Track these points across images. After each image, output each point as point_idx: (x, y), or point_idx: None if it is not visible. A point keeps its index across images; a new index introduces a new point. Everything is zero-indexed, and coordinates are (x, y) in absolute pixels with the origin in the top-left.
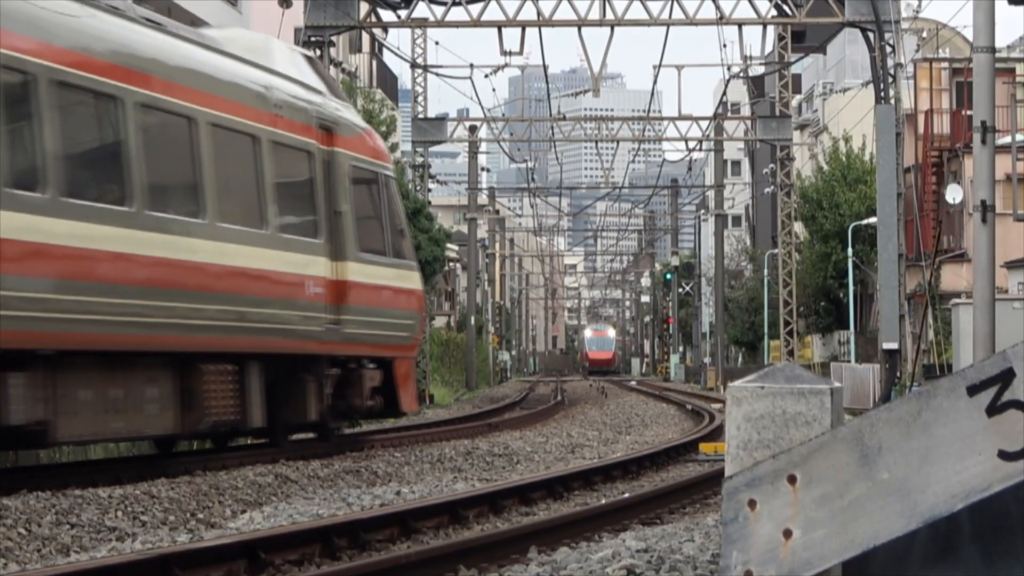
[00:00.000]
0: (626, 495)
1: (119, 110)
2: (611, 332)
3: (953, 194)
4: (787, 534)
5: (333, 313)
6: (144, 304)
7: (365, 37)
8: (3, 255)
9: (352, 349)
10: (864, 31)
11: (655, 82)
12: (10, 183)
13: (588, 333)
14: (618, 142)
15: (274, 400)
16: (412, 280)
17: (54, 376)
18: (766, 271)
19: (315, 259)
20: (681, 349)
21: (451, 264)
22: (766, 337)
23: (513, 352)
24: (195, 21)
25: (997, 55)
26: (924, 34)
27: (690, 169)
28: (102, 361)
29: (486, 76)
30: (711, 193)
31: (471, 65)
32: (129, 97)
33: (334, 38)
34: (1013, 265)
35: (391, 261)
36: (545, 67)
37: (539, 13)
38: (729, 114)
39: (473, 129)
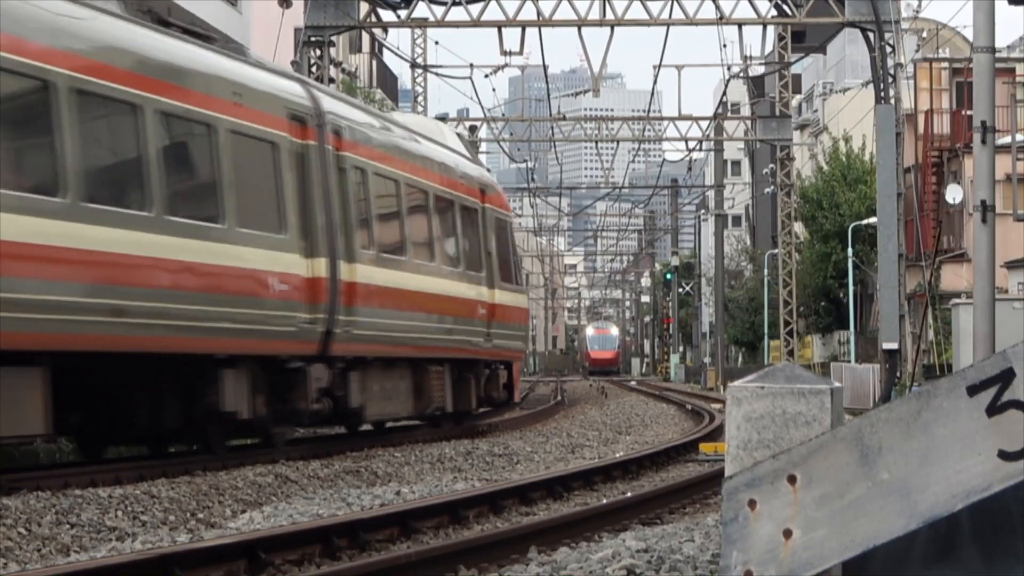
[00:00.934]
0: (627, 495)
1: (397, 187)
2: (614, 330)
3: (953, 194)
4: (787, 534)
5: (488, 328)
6: (408, 323)
7: (365, 37)
8: (357, 294)
9: (495, 355)
10: (864, 31)
11: (655, 82)
12: (365, 244)
13: (590, 331)
14: (618, 142)
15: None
16: (524, 301)
17: (364, 375)
18: (766, 271)
19: (481, 288)
20: (681, 349)
21: None
22: (766, 337)
23: None
24: (195, 21)
25: (997, 55)
26: (924, 34)
27: (690, 169)
28: (381, 364)
29: (486, 76)
30: (711, 193)
31: (471, 65)
32: (402, 179)
33: (334, 38)
34: (1013, 265)
35: (514, 287)
36: (545, 67)
37: (539, 13)
38: (729, 114)
39: (473, 129)
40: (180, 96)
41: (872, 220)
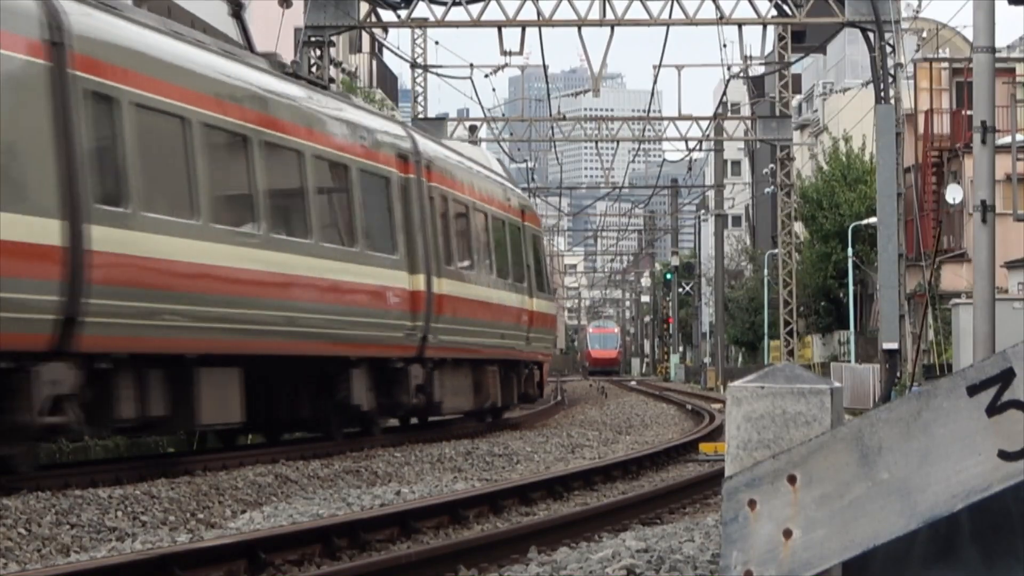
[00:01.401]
0: (627, 495)
1: (467, 210)
2: (616, 329)
3: (953, 194)
4: (787, 534)
5: (528, 332)
6: (475, 329)
7: (365, 37)
8: (443, 304)
9: (532, 356)
10: (864, 31)
11: (655, 82)
12: (447, 261)
13: (590, 330)
14: (618, 142)
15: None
16: (554, 308)
17: (442, 373)
18: (766, 271)
19: (524, 298)
20: (681, 349)
21: None
22: (766, 337)
23: None
24: (195, 22)
25: (997, 55)
26: (924, 34)
27: (690, 169)
28: (452, 363)
29: (486, 76)
30: (711, 193)
31: (471, 65)
32: (470, 204)
33: (334, 38)
34: (1013, 265)
35: (547, 296)
36: (545, 67)
37: (539, 13)
38: (729, 114)
39: (473, 129)
40: (328, 143)
41: (872, 220)
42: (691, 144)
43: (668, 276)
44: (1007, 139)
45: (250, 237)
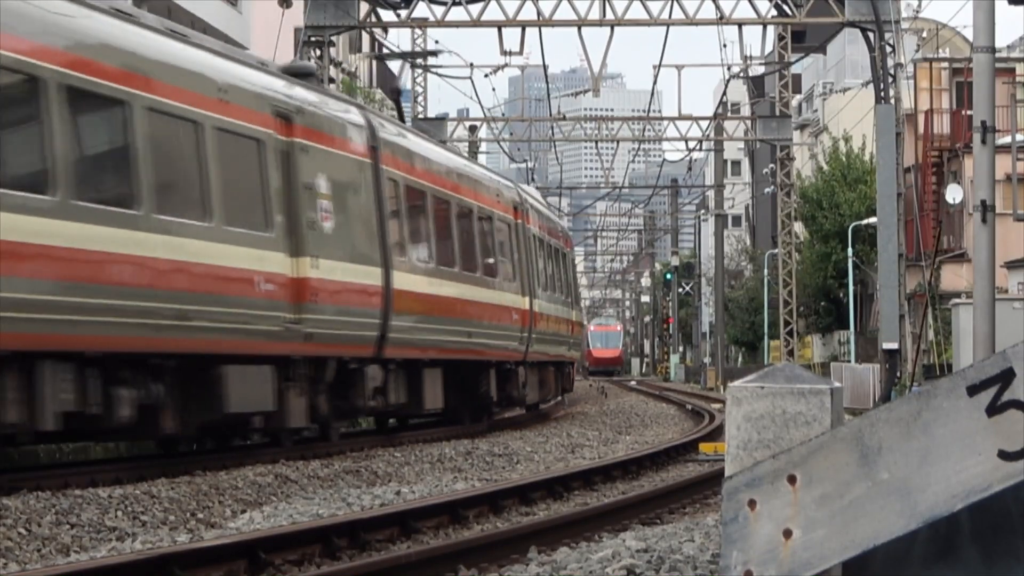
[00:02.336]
0: (627, 495)
1: (542, 243)
2: (618, 326)
3: (953, 194)
4: (787, 534)
5: (571, 339)
6: (549, 338)
7: (365, 37)
8: (537, 318)
9: (571, 358)
10: (864, 31)
11: (655, 82)
12: (539, 284)
13: (592, 327)
14: (618, 142)
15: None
16: (582, 316)
17: (527, 372)
18: (766, 271)
19: (570, 311)
20: (681, 349)
21: None
22: (766, 337)
23: None
24: (195, 22)
25: (997, 55)
26: (924, 34)
27: (690, 169)
28: (534, 364)
29: (486, 76)
30: (711, 193)
31: (471, 65)
32: (546, 239)
33: (334, 38)
34: (1013, 265)
35: (579, 308)
36: (545, 67)
37: (539, 13)
38: (729, 114)
39: (473, 129)
40: (483, 199)
41: (872, 220)
42: (691, 144)
43: (668, 276)
44: (1007, 139)
45: (453, 273)
